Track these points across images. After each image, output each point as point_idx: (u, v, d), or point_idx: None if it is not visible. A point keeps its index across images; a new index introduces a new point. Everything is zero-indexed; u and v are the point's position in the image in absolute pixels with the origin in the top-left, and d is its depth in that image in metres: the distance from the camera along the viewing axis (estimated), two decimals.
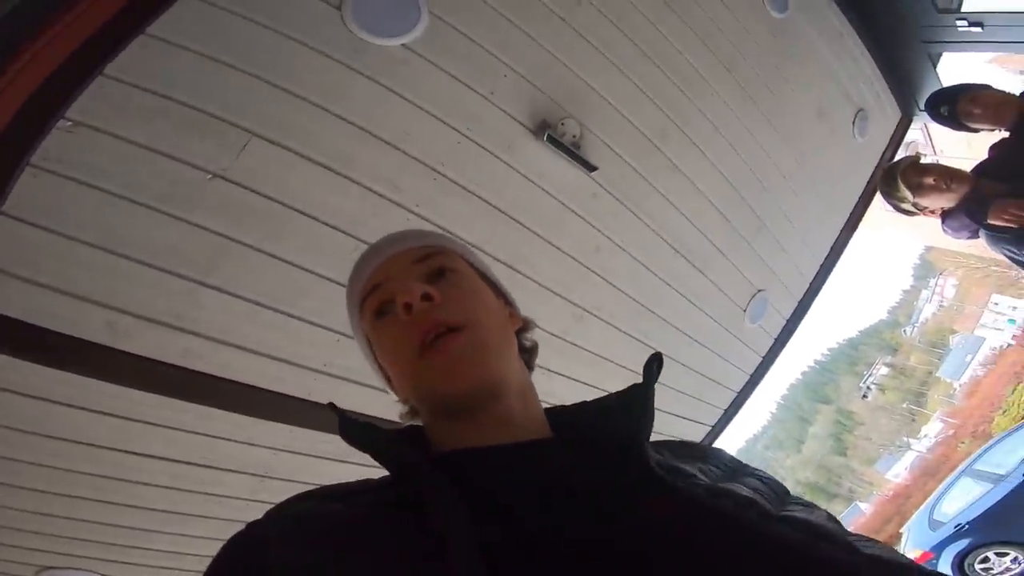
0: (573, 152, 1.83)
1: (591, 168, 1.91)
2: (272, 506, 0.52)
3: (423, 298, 0.55)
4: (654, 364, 0.56)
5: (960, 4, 2.99)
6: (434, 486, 0.46)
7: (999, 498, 5.39)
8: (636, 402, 0.54)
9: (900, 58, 3.21)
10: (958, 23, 2.96)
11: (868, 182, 3.34)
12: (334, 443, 2.04)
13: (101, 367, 1.47)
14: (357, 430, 0.53)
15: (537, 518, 0.44)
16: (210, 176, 1.38)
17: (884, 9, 2.97)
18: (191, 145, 1.33)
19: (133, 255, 1.39)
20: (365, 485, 0.53)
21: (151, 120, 1.26)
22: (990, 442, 7.17)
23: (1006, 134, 2.18)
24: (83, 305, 1.36)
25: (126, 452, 1.66)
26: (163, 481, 1.75)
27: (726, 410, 3.25)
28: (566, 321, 2.21)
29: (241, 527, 0.50)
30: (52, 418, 1.51)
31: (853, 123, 3.08)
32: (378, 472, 0.55)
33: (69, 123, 1.09)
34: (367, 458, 0.54)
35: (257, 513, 0.51)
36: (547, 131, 1.75)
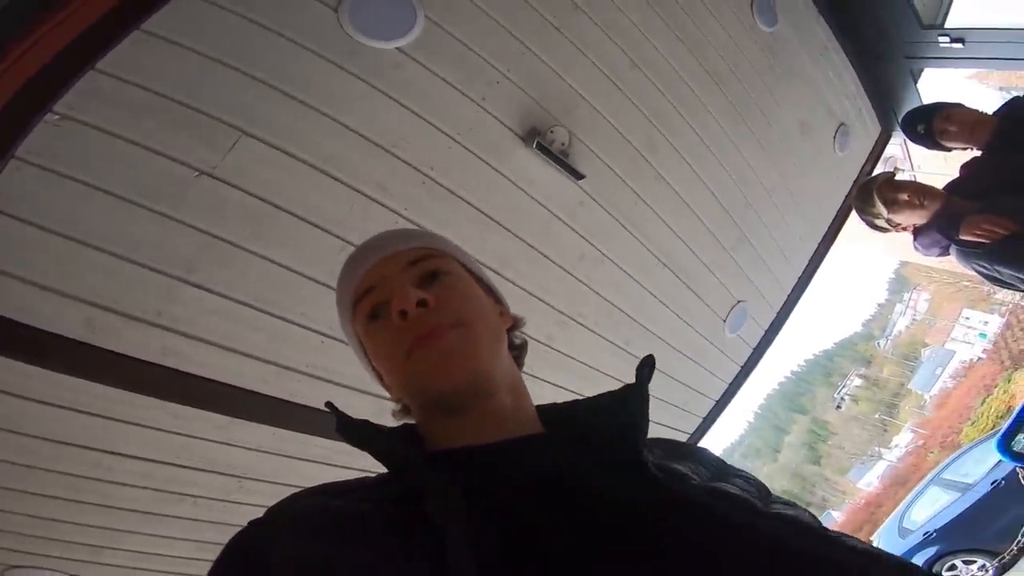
0: (561, 160, 1.86)
1: (579, 176, 1.95)
2: (270, 505, 0.52)
3: (418, 304, 0.55)
4: (646, 367, 0.58)
5: (944, 20, 3.04)
6: (433, 481, 0.47)
7: (966, 507, 5.57)
8: (631, 400, 0.56)
9: (882, 73, 3.27)
10: (940, 39, 3.00)
11: (847, 196, 3.42)
12: (316, 445, 2.03)
13: (77, 364, 1.45)
14: (356, 428, 0.54)
15: (533, 513, 0.45)
16: (197, 174, 1.37)
17: (869, 24, 3.02)
18: (180, 142, 1.32)
19: (115, 251, 1.37)
20: (361, 483, 0.54)
21: (141, 116, 1.25)
22: (958, 452, 7.41)
23: (978, 153, 2.27)
24: (62, 300, 1.34)
25: (99, 450, 1.63)
26: (137, 481, 1.73)
27: (705, 418, 3.30)
28: (550, 328, 2.23)
29: (216, 528, 0.50)
30: (23, 414, 1.49)
31: (834, 138, 3.14)
32: (361, 475, 0.56)
33: (56, 116, 1.08)
34: (350, 461, 0.55)
35: (233, 515, 0.51)
36: (536, 138, 1.78)
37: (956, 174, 2.37)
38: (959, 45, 2.98)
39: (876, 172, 3.50)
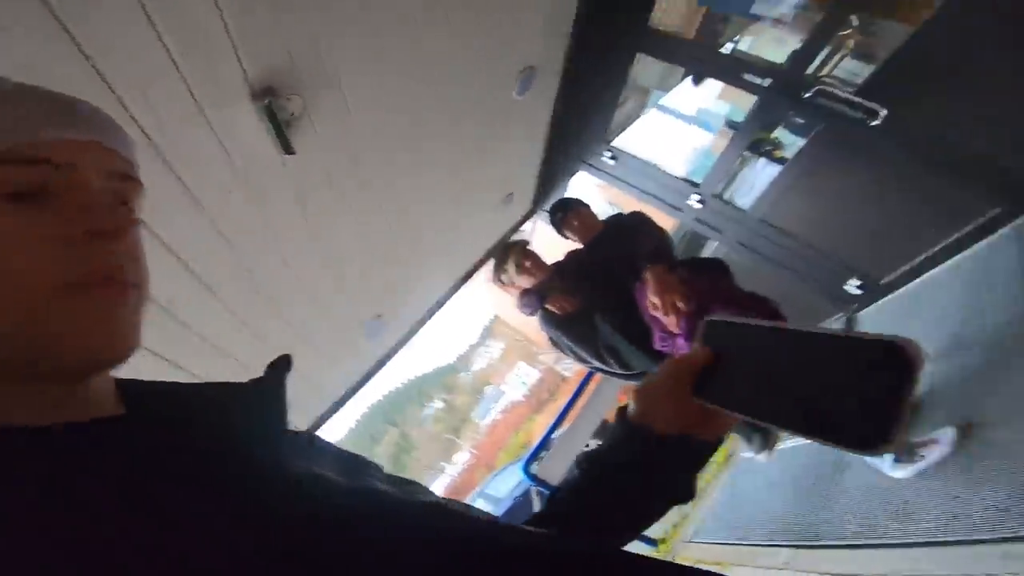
0: (281, 129, 1.78)
1: (290, 152, 1.88)
2: None
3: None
4: (283, 366, 0.62)
5: (613, 139, 3.99)
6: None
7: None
8: (271, 398, 0.60)
9: (557, 164, 4.04)
10: (605, 152, 3.96)
11: (487, 251, 4.15)
12: None
13: None
14: None
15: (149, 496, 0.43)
16: None
17: (578, 125, 3.71)
18: None
19: None
20: None
21: None
22: (495, 472, 9.73)
23: (580, 247, 3.21)
24: None
25: None
26: None
27: (321, 416, 3.46)
28: (176, 291, 1.95)
29: None
30: None
31: (502, 202, 3.79)
32: None
33: None
34: None
35: None
36: (269, 98, 1.67)
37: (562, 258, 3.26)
38: (612, 161, 3.99)
39: (513, 239, 4.50)
